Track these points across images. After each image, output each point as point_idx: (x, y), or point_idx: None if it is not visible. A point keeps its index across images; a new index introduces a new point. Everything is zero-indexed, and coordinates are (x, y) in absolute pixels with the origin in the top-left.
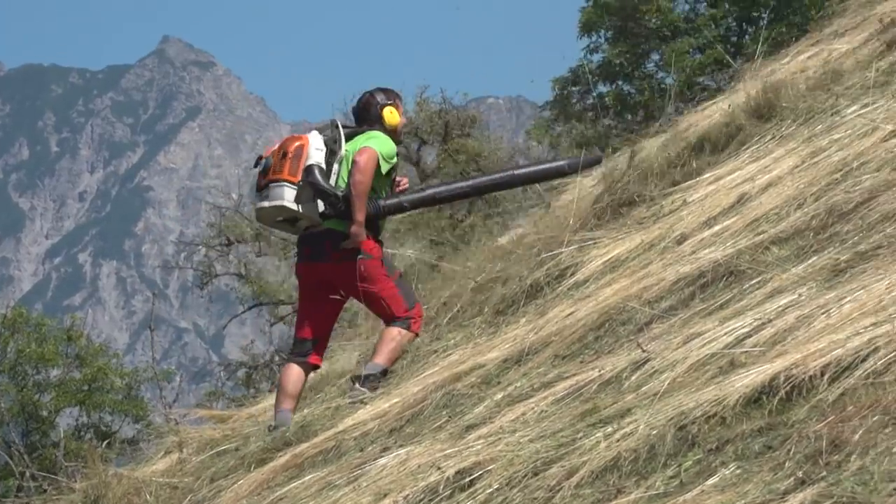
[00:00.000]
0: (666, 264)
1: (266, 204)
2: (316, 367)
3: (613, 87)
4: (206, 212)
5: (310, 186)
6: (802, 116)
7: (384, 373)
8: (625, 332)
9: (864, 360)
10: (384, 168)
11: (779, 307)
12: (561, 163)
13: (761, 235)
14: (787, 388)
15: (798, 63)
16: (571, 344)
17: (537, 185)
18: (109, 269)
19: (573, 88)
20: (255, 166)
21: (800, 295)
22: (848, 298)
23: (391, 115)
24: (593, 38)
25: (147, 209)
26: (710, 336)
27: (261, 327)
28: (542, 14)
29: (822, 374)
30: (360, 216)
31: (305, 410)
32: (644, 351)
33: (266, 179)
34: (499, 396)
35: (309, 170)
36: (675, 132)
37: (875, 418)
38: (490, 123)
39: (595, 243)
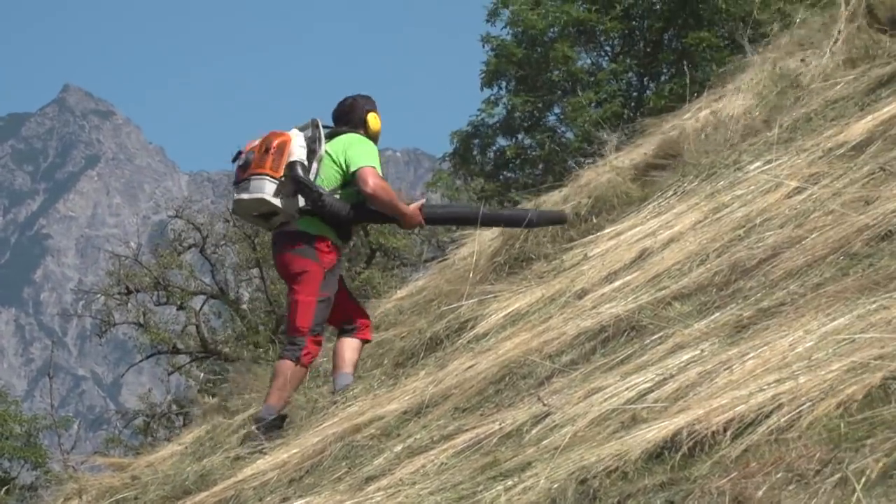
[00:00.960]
0: (567, 318)
1: (245, 196)
2: (367, 341)
3: (514, 140)
4: (105, 260)
5: (293, 182)
6: (705, 172)
7: (279, 416)
8: (525, 386)
9: (767, 417)
10: None
11: (681, 363)
12: (528, 214)
13: (663, 291)
14: (690, 443)
15: (700, 118)
16: (472, 397)
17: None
18: (8, 317)
19: (474, 141)
20: (234, 161)
21: (702, 351)
22: (751, 355)
23: (374, 121)
24: (495, 90)
25: (46, 257)
26: (612, 391)
27: (159, 376)
28: (442, 66)
29: (725, 430)
30: (401, 207)
31: (205, 460)
32: (545, 405)
33: (247, 173)
34: (398, 448)
35: (292, 166)
36: (574, 186)
37: (778, 475)
38: (388, 176)
39: (495, 297)
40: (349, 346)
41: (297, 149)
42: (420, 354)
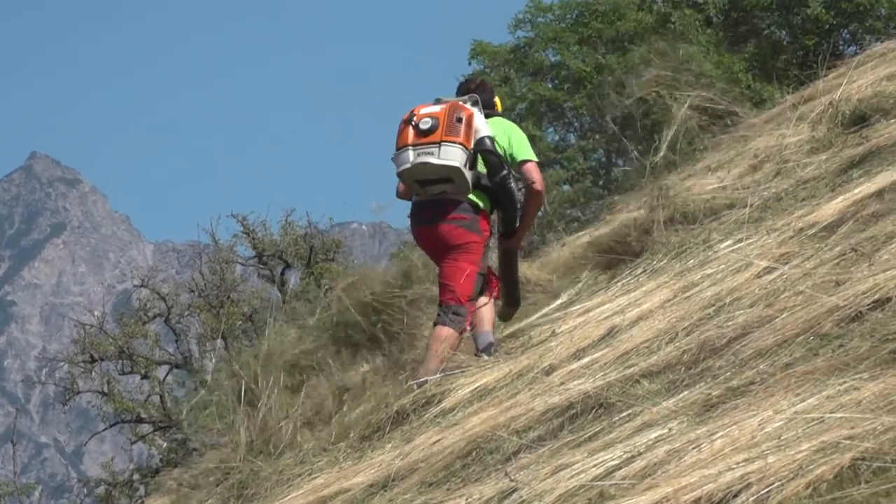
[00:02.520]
0: (534, 394)
1: (434, 161)
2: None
3: None
4: (69, 328)
5: (487, 156)
6: (674, 251)
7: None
8: (492, 461)
9: (736, 496)
10: None
11: (649, 440)
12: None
13: (632, 368)
14: None
15: (671, 196)
16: (438, 471)
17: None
18: None
19: None
20: (409, 124)
21: (670, 429)
22: (720, 433)
23: (500, 104)
24: None
25: (10, 324)
26: (580, 467)
27: (121, 445)
28: None
29: None
30: (527, 226)
31: None
32: (512, 480)
33: (435, 138)
34: None
35: (482, 141)
36: (543, 262)
37: None
38: (353, 249)
39: (462, 372)
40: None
41: (482, 124)
42: (386, 428)
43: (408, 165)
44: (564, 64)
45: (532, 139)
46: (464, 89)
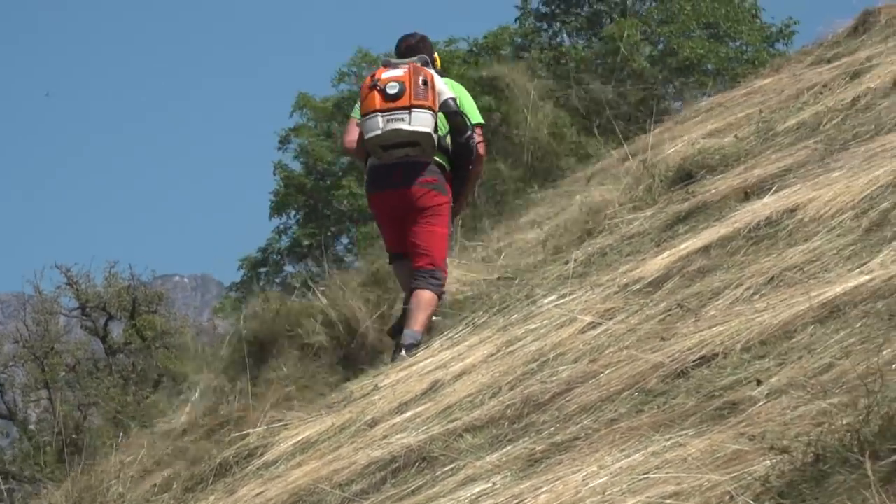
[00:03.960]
0: (357, 448)
1: (406, 127)
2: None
3: (303, 267)
4: None
5: (454, 117)
6: (496, 306)
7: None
8: None
9: None
10: None
11: (472, 495)
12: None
13: (455, 422)
14: None
15: (493, 248)
16: None
17: None
18: None
19: (262, 269)
20: (374, 89)
21: (494, 483)
22: (544, 489)
23: (439, 61)
24: (284, 219)
25: None
26: None
27: None
28: (230, 192)
29: None
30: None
31: None
32: None
33: (405, 103)
34: None
35: (448, 103)
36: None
37: None
38: (176, 301)
39: (285, 425)
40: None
41: (443, 85)
42: (209, 480)
43: (378, 132)
44: None
45: (353, 196)
46: (405, 46)
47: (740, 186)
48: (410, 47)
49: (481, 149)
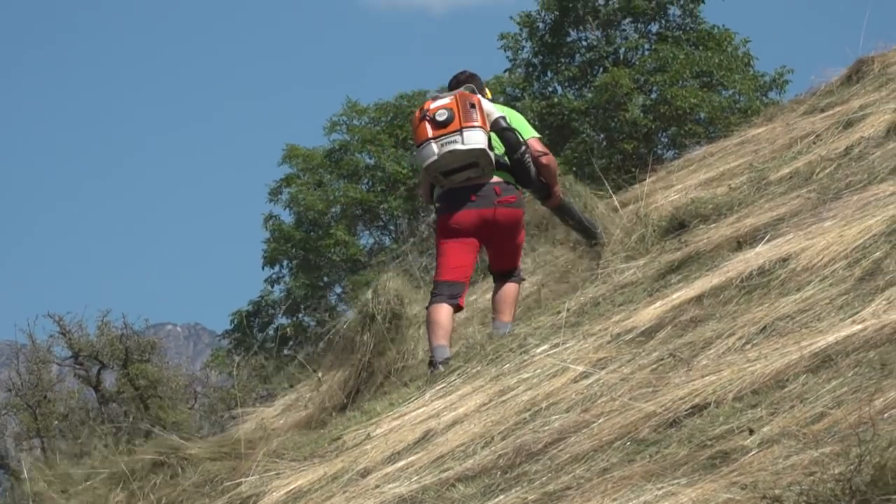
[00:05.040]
0: (349, 497)
1: (460, 147)
2: (461, 308)
3: (294, 318)
4: None
5: (504, 134)
6: (489, 356)
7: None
8: None
9: None
10: None
11: None
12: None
13: (447, 472)
14: None
15: (484, 301)
16: None
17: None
18: None
19: (254, 320)
20: (423, 119)
21: None
22: None
23: (489, 93)
24: (276, 269)
25: None
26: None
27: None
28: (221, 243)
29: None
30: (557, 188)
31: None
32: None
33: (455, 127)
34: None
35: (498, 122)
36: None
37: None
38: (168, 350)
39: (278, 474)
40: (447, 315)
41: (491, 107)
42: None
43: (434, 157)
44: (380, 166)
45: (343, 244)
46: (455, 81)
47: (733, 236)
48: (460, 81)
49: (545, 160)
